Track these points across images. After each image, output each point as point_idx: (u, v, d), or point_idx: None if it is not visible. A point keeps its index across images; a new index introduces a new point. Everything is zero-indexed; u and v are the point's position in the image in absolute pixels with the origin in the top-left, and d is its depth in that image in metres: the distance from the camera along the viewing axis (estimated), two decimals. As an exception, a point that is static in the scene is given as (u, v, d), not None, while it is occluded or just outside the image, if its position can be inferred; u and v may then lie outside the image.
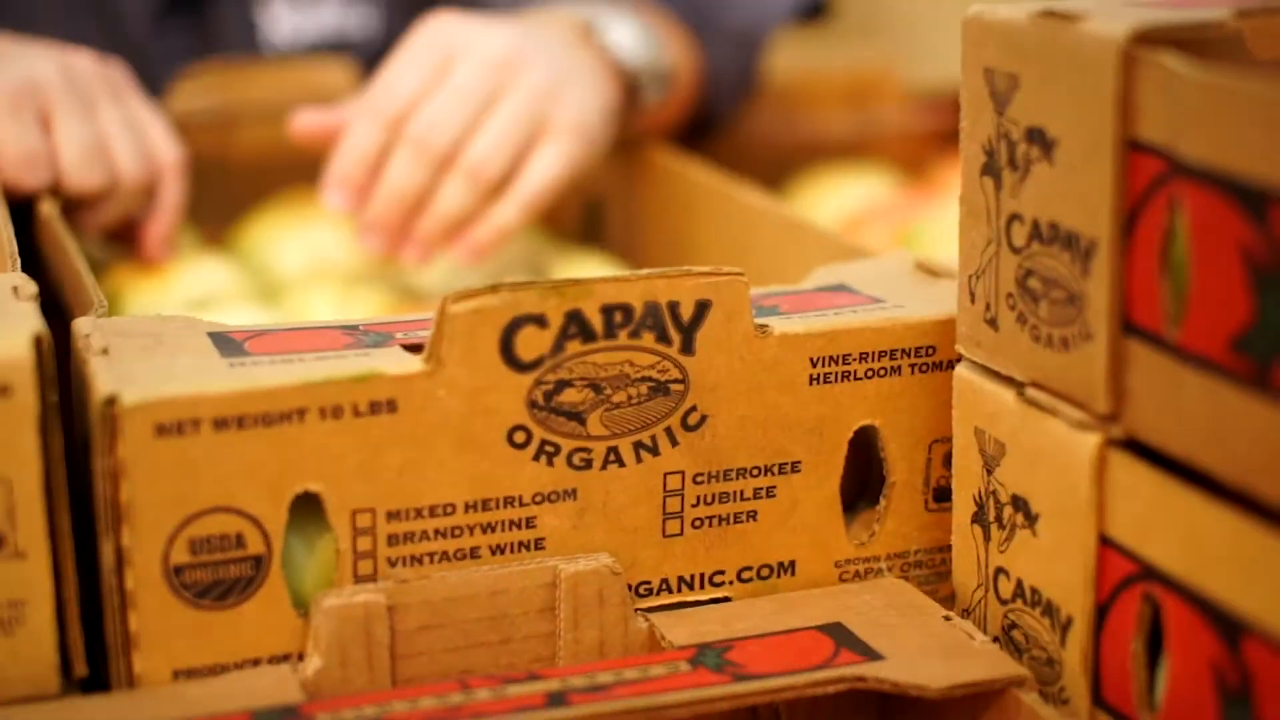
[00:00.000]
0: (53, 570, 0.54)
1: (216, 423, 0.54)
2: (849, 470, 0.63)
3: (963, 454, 0.61)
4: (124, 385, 0.54)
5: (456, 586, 0.57)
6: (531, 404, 0.58)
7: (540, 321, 0.57)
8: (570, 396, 0.58)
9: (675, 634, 0.58)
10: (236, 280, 0.88)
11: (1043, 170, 0.55)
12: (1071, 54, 0.53)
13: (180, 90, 1.01)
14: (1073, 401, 0.55)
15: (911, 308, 0.63)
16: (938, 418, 0.63)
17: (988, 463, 0.59)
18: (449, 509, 0.58)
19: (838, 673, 0.55)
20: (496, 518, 0.58)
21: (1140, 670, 0.54)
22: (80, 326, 0.59)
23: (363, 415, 0.56)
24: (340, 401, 0.56)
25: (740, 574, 0.62)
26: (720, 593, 0.62)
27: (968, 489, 0.61)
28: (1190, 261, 0.50)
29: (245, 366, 0.56)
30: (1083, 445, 0.54)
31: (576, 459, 0.59)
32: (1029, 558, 0.58)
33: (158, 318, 0.61)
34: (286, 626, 0.56)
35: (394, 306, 0.86)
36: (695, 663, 0.56)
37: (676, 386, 0.59)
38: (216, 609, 0.55)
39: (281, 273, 0.92)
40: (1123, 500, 0.54)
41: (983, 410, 0.59)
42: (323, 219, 0.96)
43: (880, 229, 0.93)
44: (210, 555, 0.55)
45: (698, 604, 0.61)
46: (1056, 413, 0.56)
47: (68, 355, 0.59)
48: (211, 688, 0.55)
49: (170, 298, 0.84)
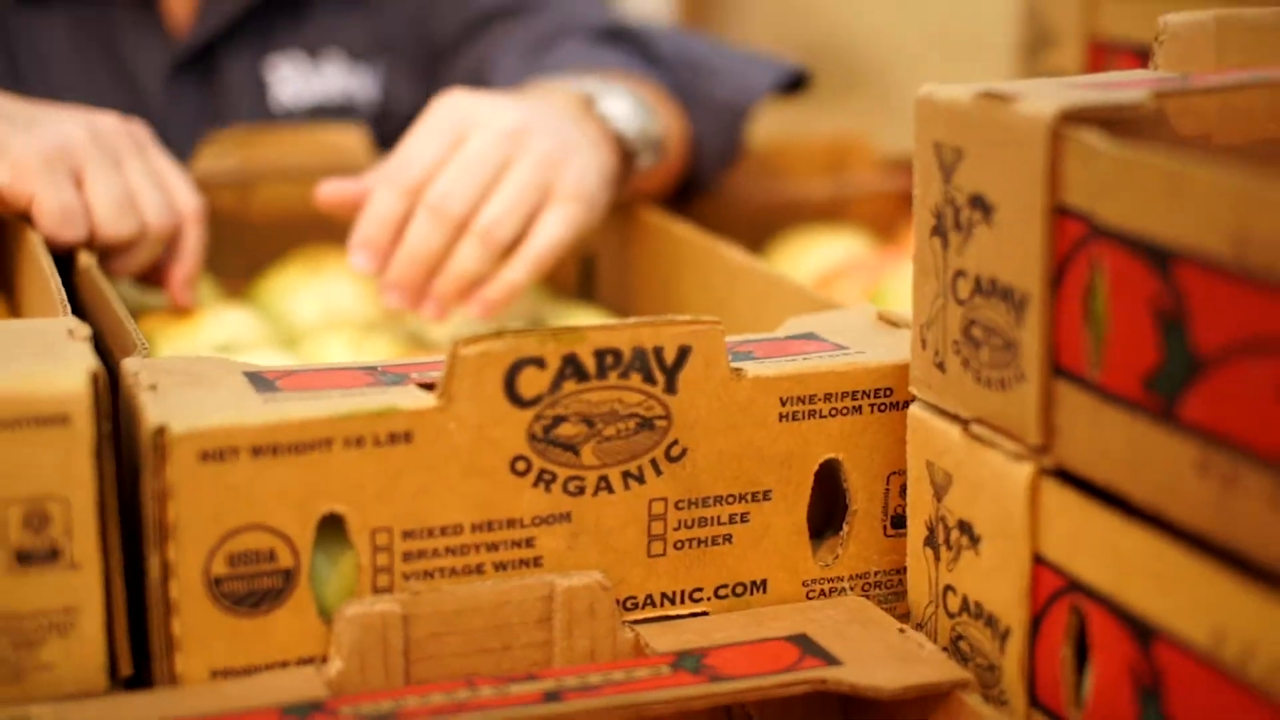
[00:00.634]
0: (103, 580, 0.61)
1: (253, 450, 0.61)
2: (818, 499, 0.70)
3: (916, 484, 0.68)
4: (171, 417, 0.61)
5: (464, 599, 0.64)
6: (531, 436, 0.65)
7: (540, 363, 0.64)
8: (566, 430, 0.65)
9: (658, 642, 0.65)
10: (257, 328, 0.95)
11: (983, 232, 0.63)
12: (1008, 131, 0.61)
13: (202, 153, 1.09)
14: (1010, 435, 0.62)
15: (871, 354, 0.71)
16: (894, 452, 0.70)
17: (937, 492, 0.67)
18: (457, 529, 0.65)
19: (803, 675, 0.62)
20: (500, 538, 0.65)
21: (1069, 673, 0.61)
22: (129, 365, 0.66)
23: (382, 445, 0.63)
24: (362, 433, 0.63)
25: (717, 591, 0.69)
26: (699, 608, 0.69)
27: (920, 516, 0.68)
28: (1108, 312, 0.57)
29: (277, 401, 0.63)
30: (1018, 474, 0.61)
31: (571, 486, 0.66)
32: (973, 576, 0.65)
33: (197, 358, 0.69)
34: (312, 632, 0.63)
35: (403, 353, 0.93)
36: (676, 667, 0.63)
37: (661, 422, 0.66)
38: (251, 616, 0.62)
39: (298, 322, 0.99)
40: (1053, 522, 0.61)
41: (933, 445, 0.67)
42: (336, 272, 1.03)
43: (852, 285, 1.01)
44: (246, 568, 0.62)
45: (678, 617, 0.68)
46: (995, 446, 0.63)
47: (111, 390, 0.66)
48: (245, 686, 0.62)
49: (198, 342, 0.91)
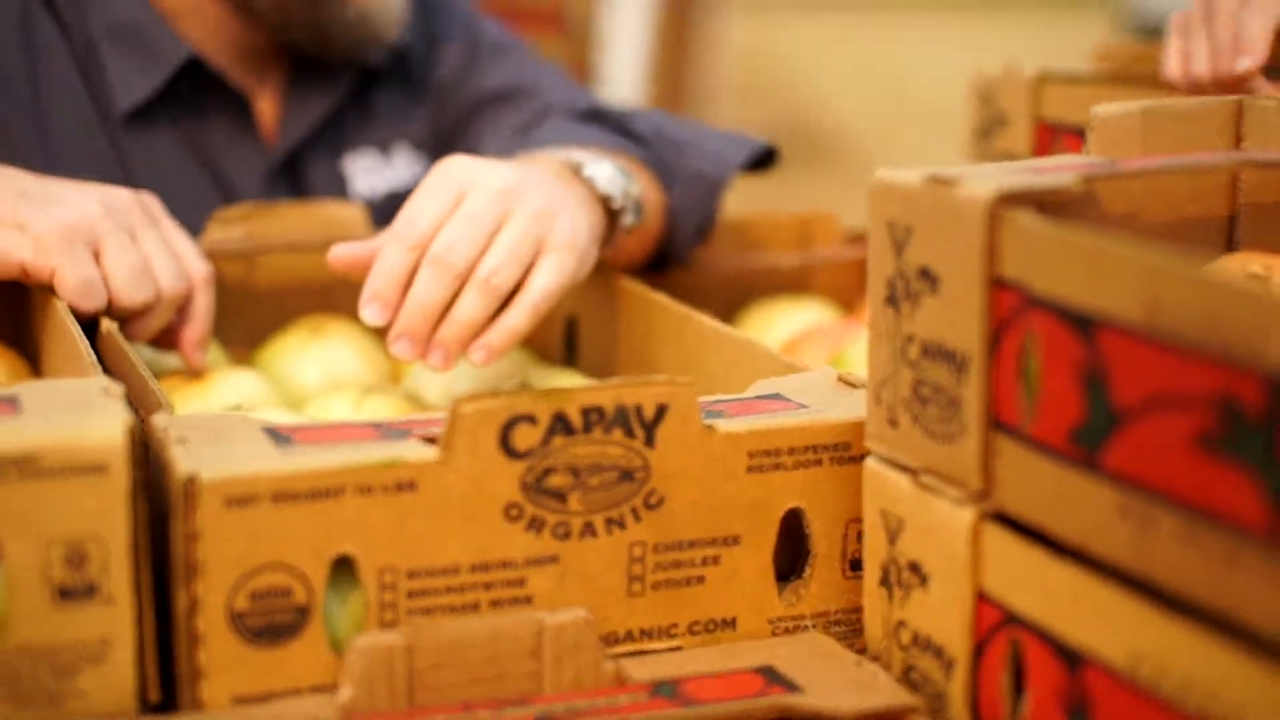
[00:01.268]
0: (135, 614, 0.68)
1: (273, 497, 0.68)
2: (784, 544, 0.77)
3: (872, 530, 0.75)
4: (199, 467, 0.68)
5: (462, 633, 0.70)
6: (524, 486, 0.72)
7: (532, 420, 0.71)
8: (555, 480, 0.72)
9: (638, 673, 0.72)
10: (265, 390, 1.01)
11: (930, 301, 0.70)
12: (951, 211, 0.68)
13: (211, 227, 1.16)
14: (954, 484, 0.69)
15: (831, 412, 0.78)
16: (852, 501, 0.77)
17: (891, 536, 0.73)
18: (456, 570, 0.71)
19: (768, 701, 0.69)
20: (494, 578, 0.72)
21: (1008, 698, 0.68)
22: (159, 421, 0.73)
23: (389, 493, 0.70)
24: (371, 482, 0.69)
25: (691, 627, 0.76)
26: (674, 643, 0.76)
27: (876, 558, 0.75)
28: (1039, 372, 0.65)
29: (294, 454, 0.70)
30: (961, 519, 0.68)
31: (559, 531, 0.73)
32: (922, 612, 0.72)
33: (219, 415, 0.75)
34: (325, 663, 0.69)
35: (401, 412, 0.99)
36: (654, 694, 0.69)
37: (640, 473, 0.73)
38: (269, 647, 0.69)
39: (302, 385, 1.06)
40: (993, 562, 0.68)
41: (886, 494, 0.74)
42: (337, 338, 1.10)
43: (818, 350, 1.08)
44: (265, 604, 0.68)
45: (656, 651, 0.75)
46: (942, 493, 0.70)
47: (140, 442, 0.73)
48: (264, 711, 0.68)
49: (210, 403, 0.97)
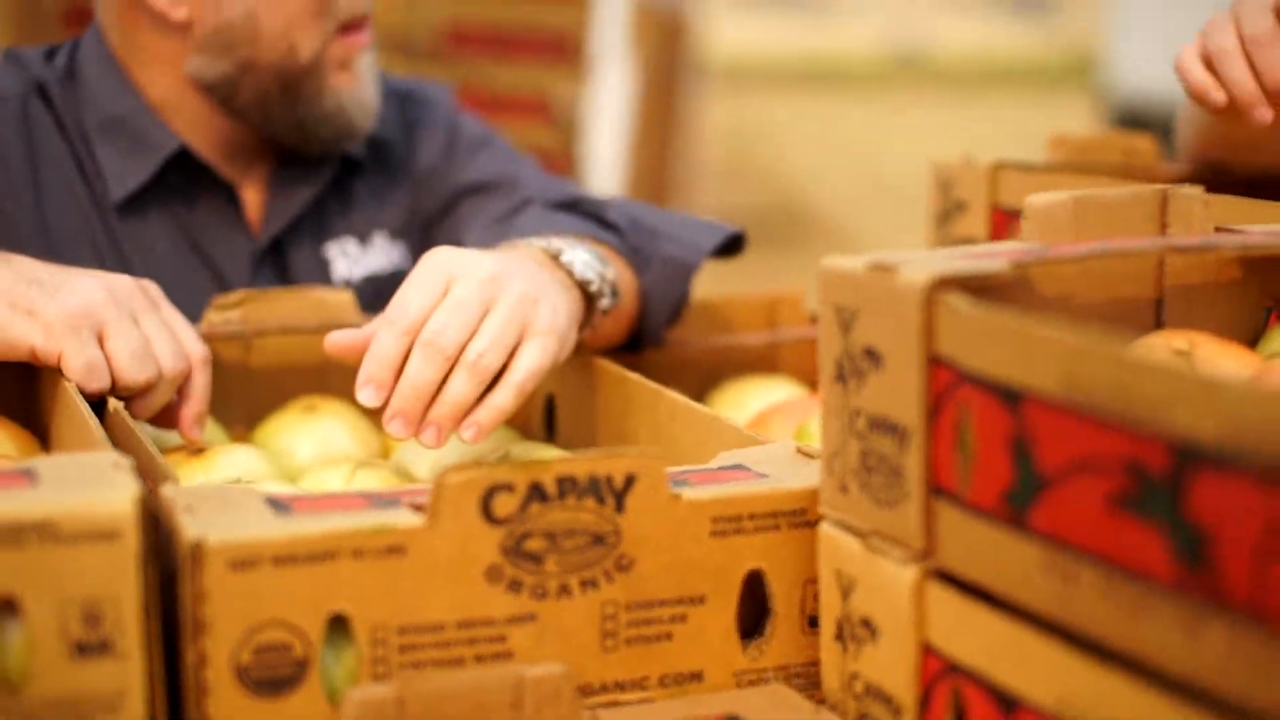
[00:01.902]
0: (146, 668, 0.74)
1: (274, 560, 0.74)
2: (748, 603, 0.83)
3: (827, 589, 0.81)
4: (206, 533, 0.74)
5: (448, 685, 0.75)
6: (504, 550, 0.78)
7: (510, 489, 0.77)
8: (533, 544, 0.78)
9: (611, 723, 0.78)
10: (262, 465, 1.07)
11: (875, 378, 0.76)
12: (892, 296, 0.75)
13: (209, 312, 1.22)
14: (899, 545, 0.75)
15: (789, 481, 0.84)
16: (809, 563, 0.83)
17: (844, 594, 0.79)
18: (443, 627, 0.77)
19: (730, 747, 0.75)
20: (478, 634, 0.78)
21: (950, 742, 0.74)
22: (168, 491, 0.79)
23: (380, 557, 0.76)
24: (364, 547, 0.75)
25: (661, 680, 0.82)
26: (646, 694, 0.81)
27: (831, 615, 0.81)
28: (973, 441, 0.71)
29: (292, 521, 0.76)
30: (906, 577, 0.75)
31: (537, 591, 0.79)
32: (873, 664, 0.78)
33: (222, 487, 0.81)
34: (322, 713, 0.75)
35: (390, 485, 1.05)
36: (625, 741, 0.75)
37: (612, 538, 0.79)
38: (271, 699, 0.74)
39: (297, 460, 1.12)
40: (935, 615, 0.74)
41: (840, 555, 0.80)
42: (329, 416, 1.16)
43: (783, 424, 1.14)
44: (267, 658, 0.74)
45: (629, 702, 0.81)
46: (888, 554, 0.76)
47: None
48: (265, 759, 0.74)
49: (210, 476, 1.03)
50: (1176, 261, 0.90)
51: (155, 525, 0.79)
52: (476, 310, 1.03)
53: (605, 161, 4.22)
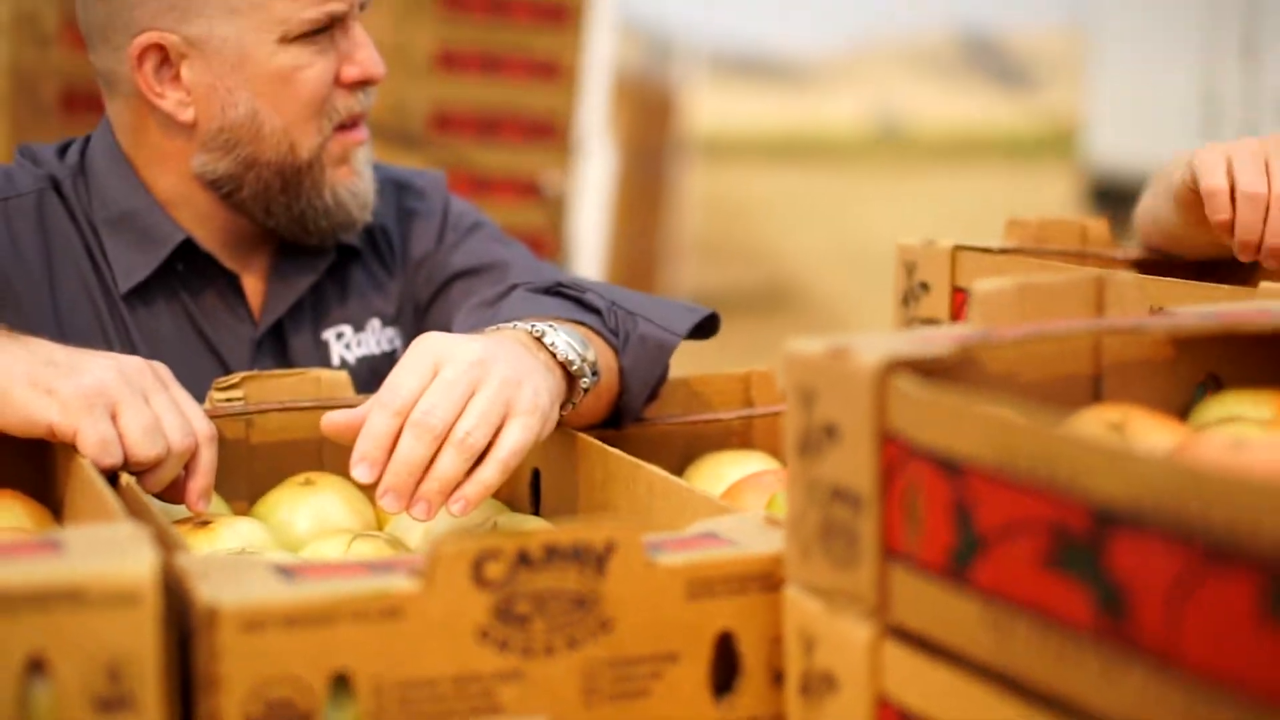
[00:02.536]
0: (165, 724, 0.80)
1: (281, 622, 0.81)
2: (721, 660, 0.90)
3: (791, 646, 0.88)
4: (219, 598, 0.80)
5: (441, 737, 0.82)
6: (493, 612, 0.84)
7: (499, 556, 0.84)
8: (520, 607, 0.85)
9: (593, 771, 0.84)
10: (264, 537, 1.14)
11: (833, 451, 0.83)
12: (847, 377, 0.82)
13: (213, 393, 1.29)
14: (856, 603, 0.82)
15: (757, 547, 0.91)
16: (776, 622, 0.90)
17: (807, 650, 0.86)
18: (437, 684, 0.84)
19: (703, 792, 0.81)
20: (470, 690, 0.84)
21: (904, 785, 0.80)
22: (182, 560, 0.86)
23: (379, 619, 0.82)
24: (364, 610, 0.82)
25: (639, 732, 0.88)
26: (625, 746, 0.88)
27: (796, 670, 0.88)
28: (921, 507, 0.78)
29: (298, 587, 0.83)
30: (862, 633, 0.81)
31: (524, 650, 0.85)
32: (835, 714, 0.84)
33: (232, 556, 0.88)
34: (325, 763, 0.82)
35: (385, 555, 1.12)
36: (606, 787, 0.81)
37: (593, 600, 0.86)
38: (278, 750, 0.81)
39: (296, 532, 1.19)
40: (890, 667, 0.81)
41: (803, 615, 0.87)
42: (326, 490, 1.23)
43: (756, 496, 1.21)
44: (276, 712, 0.81)
45: (609, 753, 0.87)
46: (846, 612, 0.83)
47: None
48: (273, 806, 0.80)
49: (216, 547, 1.10)
50: (1112, 341, 0.97)
51: (171, 591, 0.85)
52: (464, 392, 1.10)
53: (590, 239, 4.31)
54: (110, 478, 1.08)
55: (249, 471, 1.29)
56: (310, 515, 1.21)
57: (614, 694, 0.87)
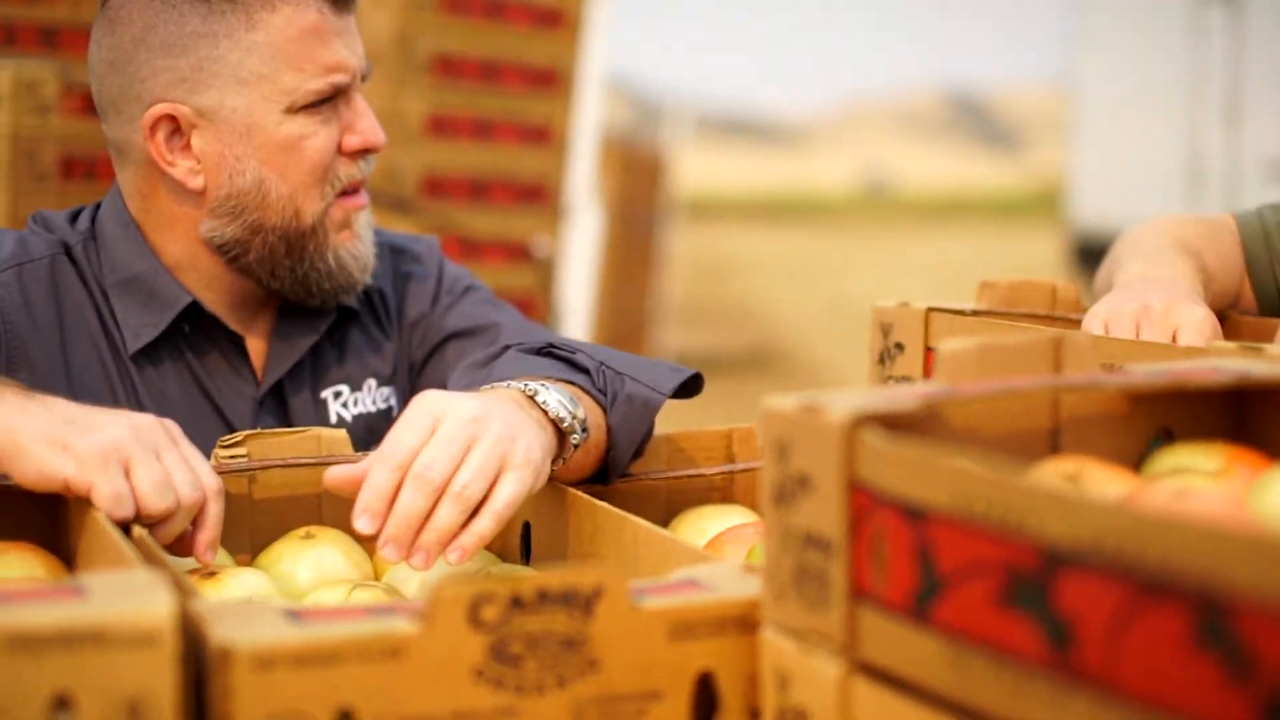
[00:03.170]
0: (181, 758, 0.85)
1: (290, 662, 0.86)
2: (701, 698, 0.95)
3: (767, 684, 0.93)
4: (233, 639, 0.86)
5: (440, 770, 0.88)
6: (488, 652, 0.90)
7: (494, 600, 0.90)
8: (513, 647, 0.91)
9: (581, 802, 0.89)
10: (267, 587, 1.20)
11: (806, 500, 0.89)
12: (819, 431, 0.88)
13: (218, 450, 1.35)
14: (827, 642, 0.88)
15: (735, 592, 0.97)
16: (752, 662, 0.95)
17: (782, 687, 0.92)
18: (436, 719, 0.89)
19: (684, 820, 0.86)
20: (466, 726, 0.90)
21: (873, 812, 0.86)
22: (197, 605, 0.91)
23: (382, 658, 0.88)
24: (367, 650, 0.88)
25: (625, 765, 0.94)
26: (612, 778, 0.93)
27: (772, 707, 0.93)
28: (887, 551, 0.84)
29: (306, 629, 0.89)
30: (833, 670, 0.87)
31: (517, 688, 0.91)
32: (808, 747, 0.90)
33: (243, 602, 0.94)
34: (331, 794, 0.87)
35: (380, 602, 1.17)
36: (594, 816, 0.87)
37: (582, 642, 0.92)
38: (287, 782, 0.86)
39: (298, 582, 1.25)
40: (858, 703, 0.86)
41: (778, 654, 0.92)
42: (326, 543, 1.29)
43: (737, 547, 1.27)
44: (285, 746, 0.86)
45: (597, 785, 0.93)
46: (818, 650, 0.89)
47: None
48: (282, 834, 0.85)
49: (223, 596, 1.15)
50: (1069, 397, 1.03)
51: (187, 632, 0.91)
52: (461, 447, 1.16)
53: (578, 300, 4.38)
54: (123, 530, 1.14)
55: (252, 525, 1.34)
56: (311, 566, 1.27)
57: (602, 730, 0.93)
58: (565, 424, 1.26)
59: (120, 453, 1.17)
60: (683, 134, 11.17)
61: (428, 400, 1.19)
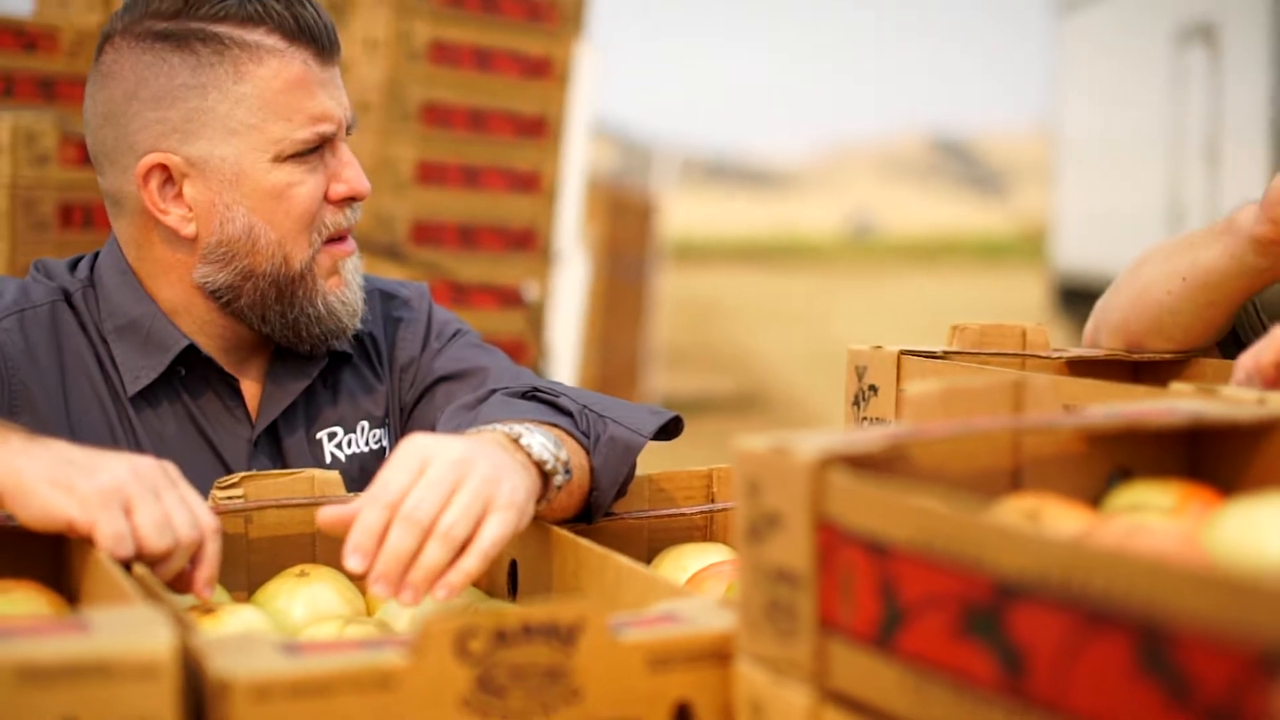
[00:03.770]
0: (182, 785, 0.90)
1: (286, 692, 0.91)
2: (677, 729, 1.00)
3: (742, 713, 0.98)
4: (232, 670, 0.90)
5: (429, 795, 0.92)
6: (474, 682, 0.94)
7: (480, 633, 0.94)
8: (499, 677, 0.95)
9: (564, 825, 0.94)
10: (264, 623, 1.24)
11: (776, 536, 0.94)
12: (788, 470, 0.93)
13: (215, 491, 1.39)
14: (798, 671, 0.93)
15: (711, 625, 1.01)
16: (728, 691, 1.00)
17: (756, 715, 0.96)
18: (424, 747, 0.94)
19: (662, 842, 0.91)
20: (453, 753, 0.94)
21: (841, 833, 0.90)
22: (193, 638, 0.96)
23: (374, 689, 0.92)
24: (360, 681, 0.92)
25: (605, 791, 0.98)
26: (593, 804, 0.98)
27: (746, 734, 0.98)
28: (853, 584, 0.89)
29: (301, 661, 0.93)
30: (803, 698, 0.92)
31: (503, 717, 0.95)
32: (780, 772, 0.94)
33: (241, 636, 0.98)
34: (325, 819, 0.91)
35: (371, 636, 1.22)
36: (576, 839, 0.91)
37: (563, 672, 0.96)
38: (283, 807, 0.90)
39: (293, 619, 1.29)
40: (827, 729, 0.91)
41: (753, 683, 0.97)
42: (319, 581, 1.33)
43: (716, 584, 1.32)
44: (281, 773, 0.90)
45: (579, 810, 0.97)
46: (789, 679, 0.93)
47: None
48: None
49: (221, 631, 1.20)
50: (1030, 437, 1.08)
51: (188, 665, 0.95)
52: (448, 488, 1.21)
53: (566, 344, 4.43)
54: (124, 568, 1.18)
55: (248, 564, 1.39)
56: (305, 603, 1.31)
57: (583, 757, 0.97)
58: (548, 466, 1.31)
59: (121, 494, 1.21)
60: (670, 178, 11.25)
61: (416, 443, 1.24)
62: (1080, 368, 1.64)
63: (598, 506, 1.46)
